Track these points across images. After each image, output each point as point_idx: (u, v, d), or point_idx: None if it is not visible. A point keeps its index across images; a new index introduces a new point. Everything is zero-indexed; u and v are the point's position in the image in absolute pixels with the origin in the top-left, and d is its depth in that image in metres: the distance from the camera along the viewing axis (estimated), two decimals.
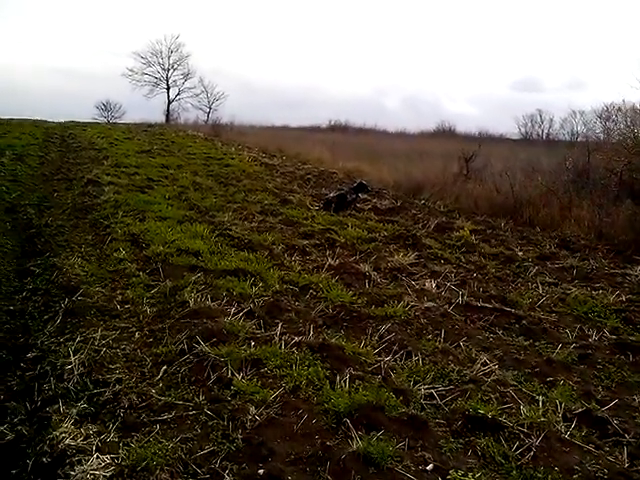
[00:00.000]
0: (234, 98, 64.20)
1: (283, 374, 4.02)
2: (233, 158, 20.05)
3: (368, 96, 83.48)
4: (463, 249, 8.23)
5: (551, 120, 41.89)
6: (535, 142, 37.53)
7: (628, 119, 14.62)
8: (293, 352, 4.36)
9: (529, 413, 3.66)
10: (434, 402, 3.85)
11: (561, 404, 3.80)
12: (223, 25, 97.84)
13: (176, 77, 58.28)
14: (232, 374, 3.98)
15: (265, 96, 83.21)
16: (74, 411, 3.61)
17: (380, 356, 4.50)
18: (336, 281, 6.35)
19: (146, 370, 4.23)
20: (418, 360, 4.42)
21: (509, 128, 43.63)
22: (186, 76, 58.05)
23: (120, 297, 5.80)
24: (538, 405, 3.81)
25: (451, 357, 4.52)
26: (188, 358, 4.30)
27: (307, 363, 4.19)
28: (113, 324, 5.10)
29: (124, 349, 4.57)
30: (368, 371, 4.21)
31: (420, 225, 10.00)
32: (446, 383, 4.11)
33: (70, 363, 4.20)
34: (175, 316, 5.17)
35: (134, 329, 5.01)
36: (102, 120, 52.89)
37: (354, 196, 11.42)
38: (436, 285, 6.37)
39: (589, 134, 38.99)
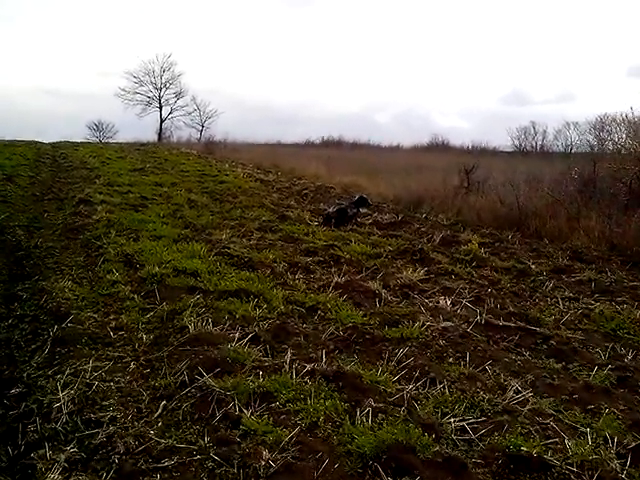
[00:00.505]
0: (227, 116, 64.36)
1: (297, 409, 3.60)
2: (227, 175, 19.69)
3: (360, 112, 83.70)
4: (473, 263, 7.85)
5: (544, 132, 41.83)
6: (529, 154, 37.38)
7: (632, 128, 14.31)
8: (306, 382, 3.94)
9: (577, 449, 3.26)
10: (467, 437, 3.44)
11: (611, 437, 3.40)
12: (215, 43, 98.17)
13: (168, 96, 58.07)
14: (240, 410, 3.56)
15: (258, 113, 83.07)
16: (62, 457, 3.18)
17: (401, 384, 4.09)
18: (344, 300, 5.95)
19: (143, 406, 3.80)
20: (443, 388, 4.01)
21: (501, 141, 43.58)
22: (178, 95, 57.84)
23: (114, 323, 5.38)
24: (585, 439, 3.40)
25: (479, 384, 4.12)
26: (190, 392, 3.87)
27: (323, 395, 3.77)
28: (106, 353, 4.68)
29: (118, 382, 4.14)
30: (390, 402, 3.79)
31: (425, 239, 9.62)
32: (477, 414, 3.70)
33: (59, 400, 3.77)
34: (174, 343, 4.74)
35: (129, 359, 4.59)
36: (94, 140, 52.57)
37: (355, 210, 11.05)
38: (451, 302, 5.98)
39: (584, 145, 39.10)
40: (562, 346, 4.88)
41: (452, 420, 3.57)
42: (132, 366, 4.44)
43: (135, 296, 6.11)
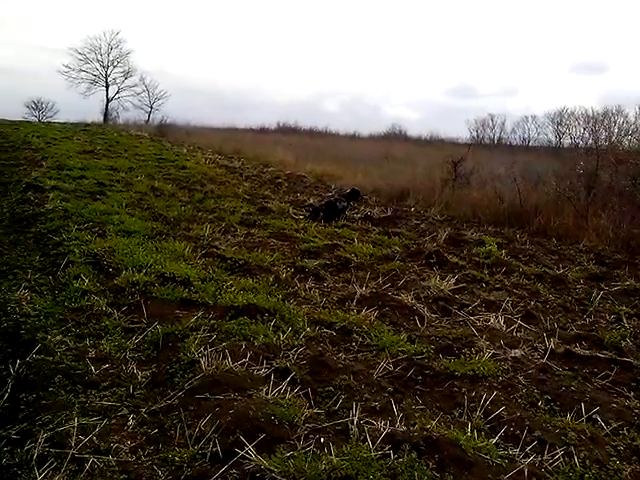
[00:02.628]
0: (174, 99, 61.52)
1: None
2: (188, 160, 18.26)
3: (308, 99, 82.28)
4: (498, 268, 6.91)
5: (503, 124, 41.75)
6: (487, 146, 37.13)
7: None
8: (389, 455, 2.84)
9: None
10: None
11: None
12: (163, 24, 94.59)
13: (116, 75, 55.30)
14: None
15: (205, 97, 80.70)
16: None
17: (505, 449, 3.06)
18: (379, 318, 4.88)
19: None
20: (564, 455, 3.00)
21: (450, 132, 43.31)
22: (126, 74, 55.23)
23: (93, 351, 4.13)
24: None
25: (607, 447, 3.13)
26: (228, 473, 2.72)
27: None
28: (91, 402, 3.45)
29: (119, 453, 2.94)
30: None
31: (429, 237, 8.64)
32: None
33: None
34: (183, 385, 3.56)
35: (125, 410, 3.37)
36: (33, 119, 49.41)
37: (344, 204, 9.97)
38: (504, 322, 4.99)
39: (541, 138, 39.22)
40: None
41: None
42: (131, 422, 3.23)
43: (114, 312, 4.87)
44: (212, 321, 4.56)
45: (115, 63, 55.03)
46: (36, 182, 10.84)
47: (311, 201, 11.73)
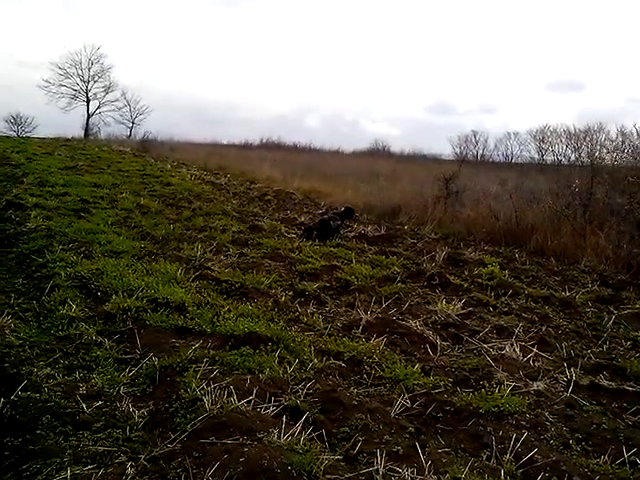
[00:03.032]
0: (156, 114, 61.01)
1: None
2: (173, 176, 17.94)
3: (289, 115, 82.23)
4: (502, 290, 6.67)
5: (485, 141, 41.95)
6: (471, 163, 37.23)
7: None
8: None
9: None
10: None
11: None
12: (144, 38, 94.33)
13: (97, 90, 54.74)
14: None
15: (186, 112, 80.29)
16: None
17: None
18: (388, 347, 4.60)
19: None
20: None
21: (430, 148, 43.40)
22: (107, 89, 54.66)
23: (84, 387, 3.80)
24: None
25: None
26: None
27: None
28: (84, 446, 3.11)
29: None
30: None
31: (427, 257, 8.39)
32: None
33: None
34: (185, 427, 3.24)
35: (123, 457, 3.04)
36: (12, 134, 48.63)
37: (339, 222, 9.71)
38: (519, 349, 4.74)
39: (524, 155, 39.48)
40: None
41: None
42: (130, 471, 2.90)
43: (105, 341, 4.54)
44: (212, 352, 4.25)
45: (96, 78, 54.61)
46: (17, 199, 10.48)
47: (302, 219, 11.48)
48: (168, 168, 20.63)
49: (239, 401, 3.43)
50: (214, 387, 3.55)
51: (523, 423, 3.50)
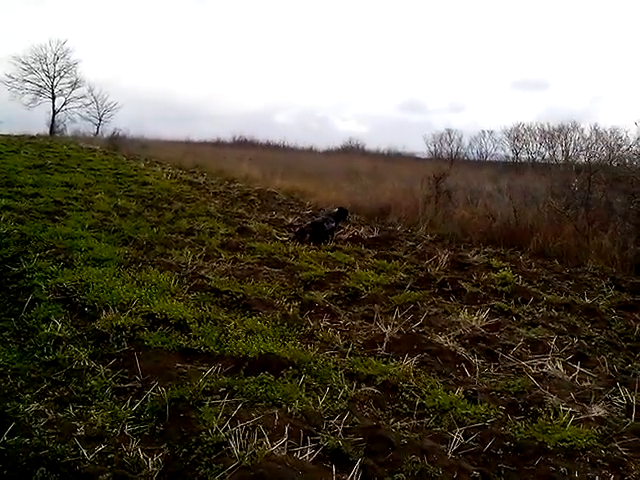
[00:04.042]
0: (124, 111, 59.42)
1: None
2: (148, 175, 17.18)
3: (259, 111, 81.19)
4: (519, 297, 6.26)
5: (460, 140, 41.84)
6: (445, 161, 37.05)
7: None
8: None
9: None
10: None
11: None
12: (112, 33, 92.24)
13: (62, 85, 52.91)
14: None
15: (154, 109, 78.65)
16: None
17: None
18: (421, 368, 4.12)
19: None
20: None
21: (400, 146, 43.00)
22: (74, 85, 52.82)
23: (81, 426, 3.23)
24: None
25: None
26: None
27: None
28: None
29: None
30: None
31: (429, 261, 7.96)
32: None
33: None
34: None
35: None
36: None
37: (332, 225, 9.21)
38: (561, 366, 4.32)
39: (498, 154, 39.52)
40: None
41: None
42: None
43: (99, 367, 3.97)
44: (226, 379, 3.72)
45: (62, 73, 52.66)
46: None
47: (290, 220, 10.96)
48: (142, 167, 19.83)
49: (271, 444, 2.91)
50: (241, 427, 3.02)
51: (600, 461, 3.06)
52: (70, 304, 5.10)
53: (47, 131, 47.23)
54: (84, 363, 4.00)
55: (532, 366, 4.33)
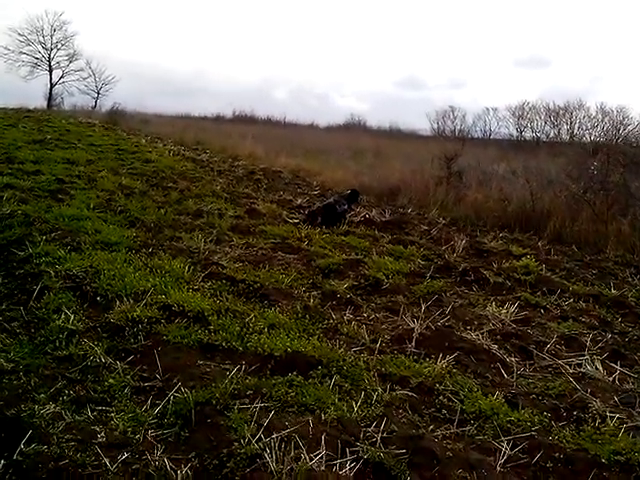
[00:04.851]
0: (121, 85, 58.40)
1: None
2: (150, 152, 16.86)
3: (257, 86, 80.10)
4: (543, 287, 6.05)
5: (463, 117, 41.35)
6: (449, 139, 36.65)
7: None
8: None
9: None
10: None
11: None
12: (108, 7, 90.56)
13: (60, 58, 52.06)
14: None
15: (150, 83, 77.48)
16: None
17: None
18: (455, 367, 3.92)
19: None
20: None
21: (400, 122, 42.30)
22: (71, 57, 51.97)
23: (102, 431, 3.03)
24: None
25: None
26: None
27: None
28: None
29: None
30: None
31: (446, 247, 7.73)
32: None
33: None
34: None
35: None
36: None
37: (345, 207, 8.96)
38: (601, 366, 4.12)
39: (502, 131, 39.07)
40: None
41: None
42: None
43: (116, 363, 3.76)
44: (252, 380, 3.51)
45: (59, 46, 51.80)
46: None
47: (298, 201, 10.70)
48: (143, 143, 19.48)
49: (309, 456, 2.71)
50: (276, 438, 2.81)
51: None
52: (81, 292, 4.88)
53: (44, 104, 46.62)
54: (100, 359, 3.78)
55: (569, 365, 4.14)
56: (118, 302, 4.59)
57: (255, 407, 3.14)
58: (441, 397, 3.51)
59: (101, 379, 3.57)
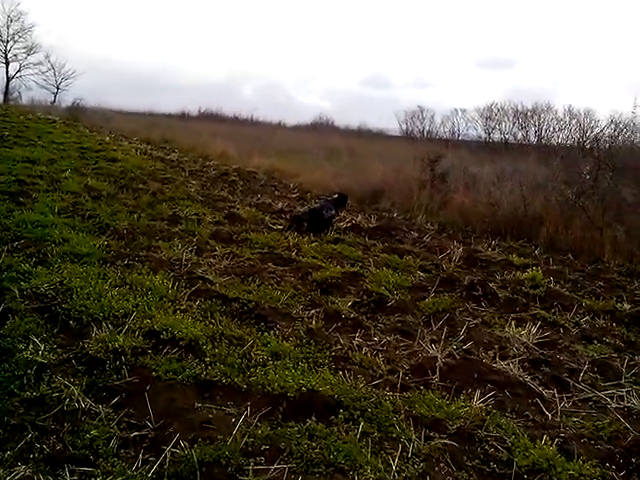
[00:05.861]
0: (81, 79, 56.59)
1: None
2: (115, 150, 16.04)
3: (223, 82, 78.86)
4: (555, 302, 5.65)
5: (432, 118, 41.15)
6: (417, 140, 36.47)
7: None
8: None
9: None
10: None
11: None
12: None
13: (17, 51, 50.18)
14: None
15: (113, 78, 75.58)
16: None
17: None
18: (493, 406, 3.43)
19: None
20: None
21: (364, 122, 41.81)
22: (29, 50, 50.15)
23: None
24: None
25: None
26: None
27: None
28: None
29: None
30: None
31: (442, 256, 7.30)
32: None
33: None
34: None
35: None
36: None
37: (332, 212, 8.43)
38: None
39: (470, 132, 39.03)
40: None
41: None
42: None
43: (97, 407, 3.16)
44: (265, 429, 2.95)
45: (16, 38, 49.97)
46: None
47: (279, 205, 10.12)
48: (107, 140, 18.60)
49: None
50: None
51: None
52: (50, 315, 4.25)
53: (1, 99, 44.77)
54: (78, 402, 3.18)
55: (611, 398, 3.70)
56: (95, 328, 3.98)
57: (276, 469, 2.60)
58: (485, 445, 3.01)
59: (81, 428, 2.97)
